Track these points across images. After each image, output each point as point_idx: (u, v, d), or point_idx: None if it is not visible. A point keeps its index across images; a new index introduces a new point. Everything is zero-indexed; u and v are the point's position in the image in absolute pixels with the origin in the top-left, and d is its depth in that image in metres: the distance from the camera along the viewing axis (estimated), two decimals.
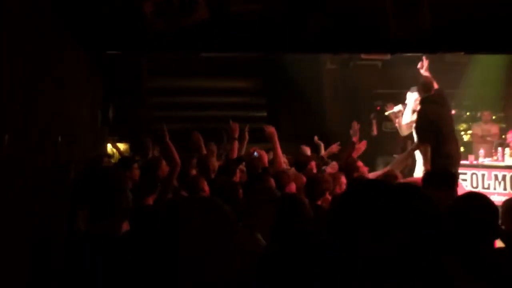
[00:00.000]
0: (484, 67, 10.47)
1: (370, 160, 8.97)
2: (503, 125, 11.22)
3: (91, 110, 5.08)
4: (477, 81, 10.82)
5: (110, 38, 4.80)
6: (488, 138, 10.90)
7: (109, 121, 5.40)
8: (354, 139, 7.36)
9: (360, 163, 6.96)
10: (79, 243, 2.94)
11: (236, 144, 7.98)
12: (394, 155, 10.02)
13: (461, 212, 3.04)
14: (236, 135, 7.96)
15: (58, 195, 4.01)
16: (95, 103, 5.21)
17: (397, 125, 8.96)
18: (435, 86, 7.60)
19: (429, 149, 7.22)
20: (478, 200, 3.28)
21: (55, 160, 3.97)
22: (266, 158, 6.79)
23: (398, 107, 8.70)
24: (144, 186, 5.37)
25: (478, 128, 11.14)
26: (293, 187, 5.54)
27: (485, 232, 3.05)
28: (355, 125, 7.34)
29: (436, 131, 7.26)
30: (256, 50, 5.34)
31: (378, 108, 11.38)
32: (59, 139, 3.79)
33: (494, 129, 11.15)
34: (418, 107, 8.01)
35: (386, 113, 9.15)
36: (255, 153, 8.78)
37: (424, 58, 7.71)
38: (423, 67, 7.85)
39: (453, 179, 4.38)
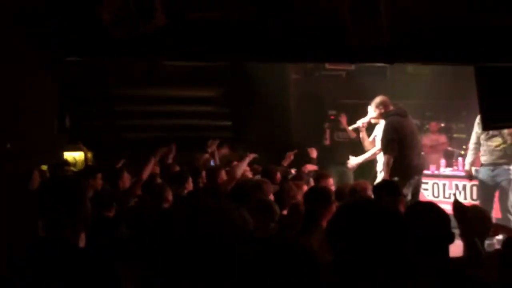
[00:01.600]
0: (445, 78, 10.65)
1: (323, 169, 9.06)
2: (464, 136, 11.40)
3: (49, 118, 5.00)
4: (439, 92, 10.99)
5: (67, 45, 4.73)
6: (439, 148, 11.12)
7: (65, 129, 5.31)
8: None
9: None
10: (37, 251, 2.92)
11: (205, 157, 8.07)
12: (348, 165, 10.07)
13: (414, 220, 3.08)
14: (210, 150, 8.07)
15: (16, 202, 3.93)
16: (53, 111, 5.12)
17: (361, 138, 9.03)
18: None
19: (391, 160, 7.34)
20: (428, 208, 3.34)
21: (9, 167, 3.90)
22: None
23: (361, 121, 8.78)
24: (104, 199, 5.33)
25: (427, 139, 11.37)
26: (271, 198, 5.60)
27: (438, 239, 3.09)
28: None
29: (399, 141, 7.42)
30: (214, 58, 5.33)
31: (332, 117, 11.48)
32: (8, 146, 3.72)
33: (442, 138, 11.40)
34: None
35: (351, 128, 9.16)
36: (212, 162, 8.80)
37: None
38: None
39: (398, 189, 4.52)
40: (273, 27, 4.46)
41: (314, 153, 8.91)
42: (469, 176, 9.02)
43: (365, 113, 9.12)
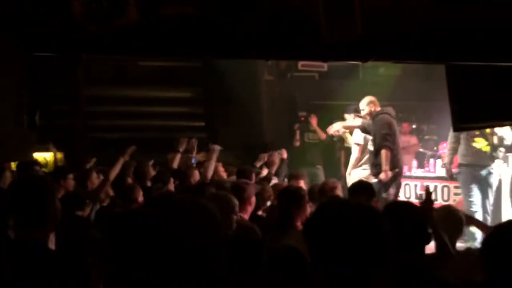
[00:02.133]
0: (417, 80, 10.75)
1: (294, 169, 9.10)
2: (435, 137, 11.52)
3: (17, 114, 4.91)
4: (410, 93, 11.09)
5: (38, 39, 4.66)
6: (410, 149, 11.20)
7: (35, 126, 5.21)
8: None
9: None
10: (6, 251, 2.88)
11: (178, 156, 7.99)
12: (317, 166, 10.15)
13: (391, 219, 3.07)
14: (181, 148, 7.98)
15: None
16: (21, 107, 5.03)
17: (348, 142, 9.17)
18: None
19: (389, 153, 7.46)
20: (406, 208, 3.35)
21: None
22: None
23: (338, 125, 8.89)
24: (74, 200, 5.27)
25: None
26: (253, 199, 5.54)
27: (414, 238, 3.11)
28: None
29: (391, 138, 7.60)
30: (187, 55, 5.29)
31: (302, 118, 11.52)
32: None
33: (413, 140, 11.50)
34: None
35: (331, 132, 9.16)
36: (193, 160, 8.77)
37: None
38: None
39: (373, 190, 4.56)
40: (246, 23, 4.45)
41: (284, 154, 8.91)
42: (451, 176, 9.03)
43: (337, 115, 9.20)
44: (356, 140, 8.80)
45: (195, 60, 11.43)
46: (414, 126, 11.89)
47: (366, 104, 8.20)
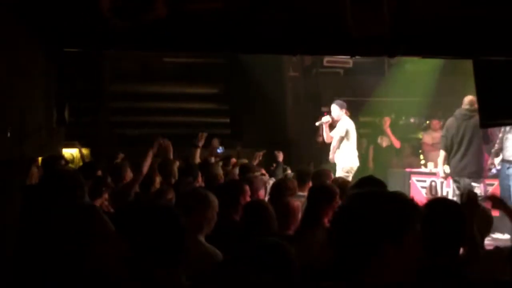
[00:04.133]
0: (443, 75, 10.64)
1: (317, 166, 9.08)
2: None
3: (46, 109, 4.98)
4: (437, 89, 10.97)
5: (67, 35, 4.72)
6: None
7: (65, 121, 5.28)
8: None
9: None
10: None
11: (198, 151, 8.04)
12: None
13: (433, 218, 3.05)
14: (200, 144, 8.03)
15: (8, 191, 3.91)
16: (50, 102, 5.10)
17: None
18: None
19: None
20: (448, 206, 3.31)
21: (7, 155, 3.89)
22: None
23: (327, 118, 8.98)
24: (90, 189, 5.30)
25: (428, 137, 11.30)
26: (261, 193, 5.55)
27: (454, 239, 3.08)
28: None
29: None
30: (216, 49, 5.32)
31: (326, 114, 11.43)
32: (8, 134, 3.70)
33: None
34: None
35: (317, 123, 9.23)
36: (219, 149, 8.84)
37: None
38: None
39: (382, 184, 4.53)
40: (273, 18, 4.46)
41: (280, 156, 8.93)
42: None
43: (363, 110, 9.19)
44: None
45: (220, 56, 11.47)
46: (441, 123, 11.74)
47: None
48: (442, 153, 8.64)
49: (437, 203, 3.42)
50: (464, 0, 4.54)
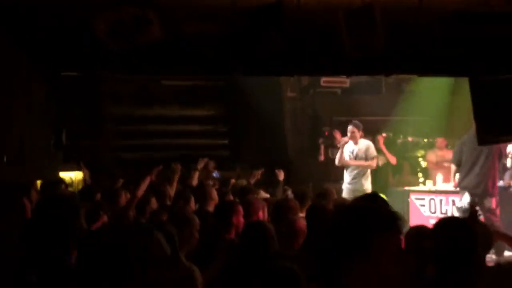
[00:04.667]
0: (441, 94, 10.67)
1: (317, 186, 9.05)
2: None
3: (44, 133, 4.98)
4: (435, 108, 10.99)
5: (64, 59, 4.74)
6: (446, 164, 11.02)
7: (62, 145, 5.28)
8: None
9: None
10: (29, 270, 2.91)
11: (197, 174, 8.08)
12: (342, 182, 10.10)
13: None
14: (199, 167, 8.08)
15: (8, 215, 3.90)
16: (49, 126, 5.10)
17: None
18: None
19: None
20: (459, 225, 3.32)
21: (5, 180, 3.89)
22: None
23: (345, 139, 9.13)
24: (87, 213, 5.30)
25: (433, 155, 11.30)
26: (261, 214, 5.53)
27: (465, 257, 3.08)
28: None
29: None
30: (212, 72, 5.33)
31: (326, 133, 11.42)
32: (4, 159, 3.70)
33: (448, 155, 11.30)
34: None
35: (340, 144, 9.31)
36: (215, 174, 8.82)
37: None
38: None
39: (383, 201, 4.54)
40: (269, 40, 4.48)
41: (281, 175, 8.86)
42: None
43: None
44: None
45: (218, 79, 11.50)
46: (446, 141, 11.71)
47: None
48: (453, 167, 8.71)
49: (447, 222, 3.44)
50: (459, 19, 4.57)
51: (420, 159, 11.68)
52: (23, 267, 2.94)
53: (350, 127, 9.28)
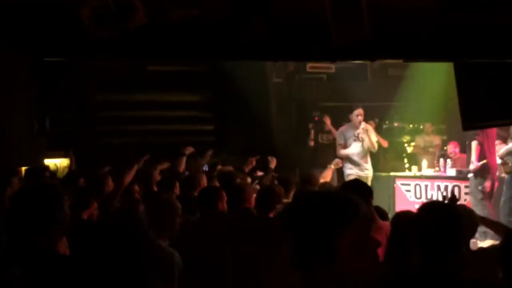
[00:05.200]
0: (425, 80, 10.70)
1: (303, 171, 9.04)
2: (444, 137, 11.47)
3: (27, 119, 4.94)
4: (419, 94, 11.03)
5: (47, 45, 4.69)
6: (431, 149, 11.11)
7: (46, 131, 5.24)
8: None
9: None
10: (15, 257, 2.89)
11: (184, 160, 8.03)
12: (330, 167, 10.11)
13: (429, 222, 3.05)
14: (187, 152, 8.03)
15: None
16: (31, 113, 5.06)
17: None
18: None
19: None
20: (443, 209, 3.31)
21: None
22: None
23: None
24: (78, 200, 5.27)
25: (421, 140, 11.39)
26: (253, 201, 5.49)
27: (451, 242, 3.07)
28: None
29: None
30: (198, 57, 5.31)
31: (316, 118, 11.42)
32: None
33: (436, 140, 11.39)
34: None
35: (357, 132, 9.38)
36: (205, 167, 8.79)
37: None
38: None
39: (369, 190, 4.49)
40: (254, 25, 4.46)
41: (273, 163, 8.54)
42: None
43: (346, 116, 9.26)
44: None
45: (203, 64, 11.45)
46: (433, 126, 11.77)
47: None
48: None
49: (432, 205, 3.41)
50: (444, 4, 4.57)
51: (405, 145, 11.76)
52: (5, 258, 2.92)
53: (358, 110, 9.35)
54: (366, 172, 9.23)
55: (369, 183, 8.52)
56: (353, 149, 9.27)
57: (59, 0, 4.47)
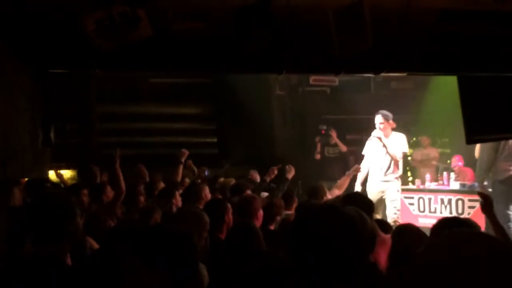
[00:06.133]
0: (429, 93, 10.72)
1: (306, 184, 9.03)
2: (448, 150, 11.46)
3: (31, 131, 4.93)
4: (422, 107, 11.05)
5: (51, 56, 4.70)
6: (434, 162, 11.11)
7: (51, 142, 5.24)
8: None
9: None
10: (22, 267, 2.89)
11: (181, 168, 8.03)
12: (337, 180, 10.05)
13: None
14: (183, 160, 8.02)
15: None
16: (36, 123, 5.06)
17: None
18: None
19: None
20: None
21: None
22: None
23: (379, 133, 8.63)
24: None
25: (418, 153, 11.40)
26: (261, 214, 5.48)
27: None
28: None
29: None
30: (201, 70, 5.30)
31: (323, 132, 11.40)
32: None
33: (433, 153, 11.40)
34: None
35: (369, 141, 8.83)
36: (206, 172, 8.79)
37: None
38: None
39: (371, 204, 4.49)
40: (258, 38, 4.46)
41: (291, 173, 8.24)
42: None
43: (350, 128, 9.23)
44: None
45: (206, 77, 11.50)
46: (430, 139, 11.80)
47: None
48: None
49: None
50: (447, 17, 4.58)
51: (408, 157, 11.76)
52: (11, 269, 2.91)
53: (379, 117, 8.44)
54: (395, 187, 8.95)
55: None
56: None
57: (63, 12, 4.47)
